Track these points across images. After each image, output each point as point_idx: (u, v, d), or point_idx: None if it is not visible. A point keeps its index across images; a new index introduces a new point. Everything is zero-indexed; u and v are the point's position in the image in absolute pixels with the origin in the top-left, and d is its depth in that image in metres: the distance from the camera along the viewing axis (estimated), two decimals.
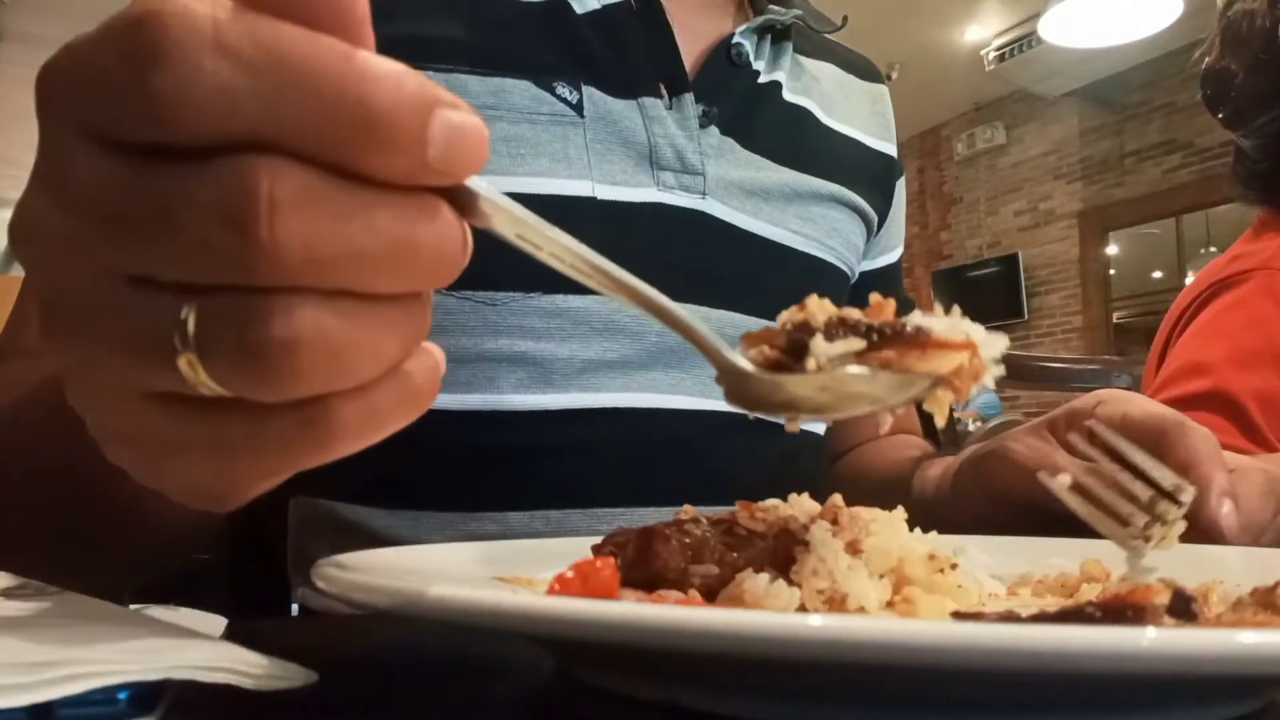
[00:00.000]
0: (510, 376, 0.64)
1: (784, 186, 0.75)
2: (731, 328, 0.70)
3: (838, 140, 0.82)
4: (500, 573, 0.40)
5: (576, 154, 0.65)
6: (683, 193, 0.69)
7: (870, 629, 0.22)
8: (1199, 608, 0.28)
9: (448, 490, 0.65)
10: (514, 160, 0.63)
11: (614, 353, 0.66)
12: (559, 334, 0.64)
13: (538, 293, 0.64)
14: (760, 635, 0.22)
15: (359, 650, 0.44)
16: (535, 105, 0.65)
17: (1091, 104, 6.38)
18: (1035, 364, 1.32)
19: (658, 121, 0.69)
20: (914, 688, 0.25)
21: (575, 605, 0.24)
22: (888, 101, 0.90)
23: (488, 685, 0.35)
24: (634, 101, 0.68)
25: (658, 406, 0.67)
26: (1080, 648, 0.20)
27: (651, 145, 0.68)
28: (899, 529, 0.37)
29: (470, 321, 0.63)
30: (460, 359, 0.63)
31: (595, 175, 0.66)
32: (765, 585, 0.33)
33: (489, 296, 0.63)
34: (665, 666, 0.28)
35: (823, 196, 0.77)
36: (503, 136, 0.63)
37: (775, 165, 0.75)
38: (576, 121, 0.66)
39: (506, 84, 0.64)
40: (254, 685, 0.27)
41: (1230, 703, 0.29)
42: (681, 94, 0.70)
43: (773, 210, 0.74)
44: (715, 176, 0.71)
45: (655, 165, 0.68)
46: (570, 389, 0.64)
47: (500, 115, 0.63)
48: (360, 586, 0.29)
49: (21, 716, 0.24)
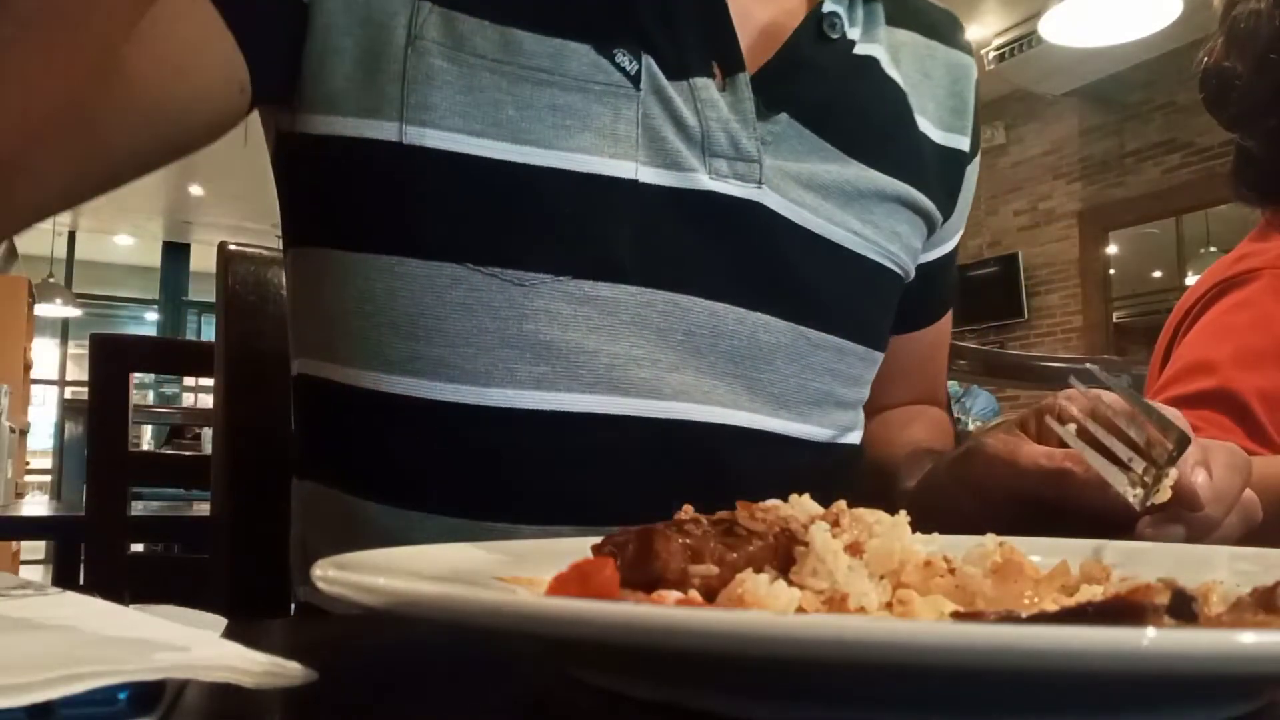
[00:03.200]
0: (532, 370, 0.61)
1: (846, 184, 0.70)
2: (766, 331, 0.66)
3: (915, 130, 0.76)
4: (500, 573, 0.40)
5: (626, 131, 0.62)
6: (737, 181, 0.65)
7: (870, 629, 0.22)
8: (1199, 608, 0.28)
9: (459, 494, 0.63)
10: (558, 133, 0.60)
11: (641, 349, 0.62)
12: (586, 323, 0.61)
13: (567, 276, 0.61)
14: (760, 635, 0.22)
15: (359, 650, 0.44)
16: (592, 73, 0.61)
17: (1091, 103, 6.38)
18: (1035, 364, 1.32)
19: (710, 105, 0.64)
20: (914, 688, 0.25)
21: (575, 605, 0.24)
22: (971, 75, 0.82)
23: (488, 685, 0.35)
24: (684, 83, 0.64)
25: (688, 419, 0.63)
26: (1080, 648, 0.20)
27: (704, 130, 0.64)
28: (902, 532, 0.37)
29: (496, 301, 0.60)
30: (482, 346, 0.61)
31: (641, 157, 0.62)
32: (765, 585, 0.33)
33: (517, 276, 0.60)
34: (665, 666, 0.28)
35: (887, 196, 0.72)
36: (551, 104, 0.60)
37: (844, 158, 0.70)
38: (631, 95, 0.62)
39: (568, 48, 0.61)
40: (254, 685, 0.27)
41: (1230, 703, 0.29)
42: (735, 74, 0.65)
43: (833, 208, 0.69)
44: (773, 166, 0.66)
45: (707, 151, 0.64)
46: (596, 389, 0.62)
47: (554, 80, 0.60)
48: (360, 586, 0.29)
49: (21, 716, 0.24)
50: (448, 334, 0.61)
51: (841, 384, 0.72)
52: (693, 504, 0.39)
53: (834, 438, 0.72)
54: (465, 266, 0.60)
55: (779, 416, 0.67)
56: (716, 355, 0.65)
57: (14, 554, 5.61)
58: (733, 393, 0.65)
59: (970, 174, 0.83)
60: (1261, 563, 0.42)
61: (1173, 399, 0.98)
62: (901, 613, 0.34)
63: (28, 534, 3.28)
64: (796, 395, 0.68)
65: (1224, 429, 0.93)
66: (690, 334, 0.64)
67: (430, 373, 0.61)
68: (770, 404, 0.67)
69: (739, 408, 0.65)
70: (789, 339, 0.68)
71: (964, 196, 0.83)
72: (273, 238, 0.91)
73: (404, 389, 0.62)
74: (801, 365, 0.68)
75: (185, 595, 0.72)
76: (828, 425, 0.71)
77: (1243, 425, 0.94)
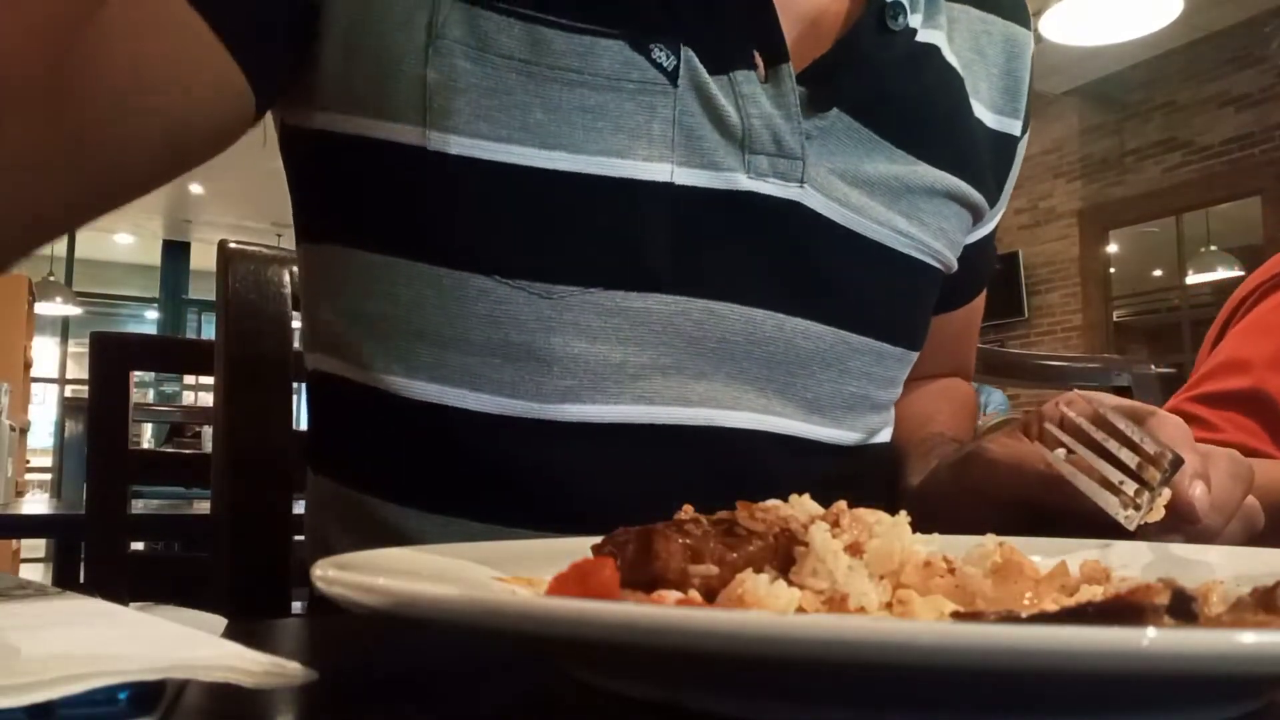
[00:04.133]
0: (559, 384, 0.59)
1: (895, 180, 0.67)
2: (804, 337, 0.64)
3: (971, 119, 0.72)
4: (500, 573, 0.40)
5: (661, 131, 0.59)
6: (778, 180, 0.62)
7: (870, 629, 0.22)
8: (1199, 608, 0.28)
9: (480, 501, 0.61)
10: (588, 134, 0.57)
11: (669, 357, 0.61)
12: (615, 334, 0.59)
13: (597, 288, 0.59)
14: (760, 635, 0.22)
15: (359, 650, 0.44)
16: (625, 71, 0.58)
17: (1092, 102, 6.38)
18: (1035, 363, 1.32)
19: (751, 100, 0.61)
20: (914, 688, 0.25)
21: (575, 605, 0.24)
22: (1028, 50, 0.77)
23: (488, 685, 0.35)
24: (725, 76, 0.60)
25: (716, 425, 0.62)
26: (1080, 648, 0.20)
27: (746, 127, 0.61)
28: (902, 532, 0.37)
29: (523, 314, 0.59)
30: (508, 357, 0.59)
31: (677, 157, 0.59)
32: (765, 585, 0.33)
33: (545, 289, 0.58)
34: (665, 666, 0.28)
35: (937, 192, 0.69)
36: (581, 105, 0.57)
37: (896, 152, 0.67)
38: (668, 91, 0.59)
39: (599, 45, 0.57)
40: (254, 684, 0.27)
41: (1230, 703, 0.29)
42: (779, 65, 0.62)
43: (879, 206, 0.66)
44: (818, 163, 0.63)
45: (747, 149, 0.61)
46: (622, 399, 0.60)
47: (584, 80, 0.57)
48: (360, 586, 0.29)
49: (21, 716, 0.24)
50: (474, 344, 0.59)
51: (877, 387, 0.70)
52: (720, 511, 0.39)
53: (865, 440, 0.70)
54: (492, 279, 0.59)
55: (811, 422, 0.66)
56: (750, 361, 0.63)
57: (14, 553, 5.61)
58: (764, 398, 0.64)
59: (1019, 153, 0.79)
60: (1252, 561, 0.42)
61: (1204, 396, 0.98)
62: (901, 613, 0.34)
63: (28, 533, 3.28)
64: (831, 400, 0.67)
65: (1248, 431, 0.93)
66: (724, 341, 0.62)
67: (455, 381, 0.60)
68: (804, 409, 0.65)
69: (770, 413, 0.64)
70: (828, 344, 0.65)
71: (1011, 177, 0.80)
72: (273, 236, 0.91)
73: (425, 395, 0.60)
74: (839, 370, 0.67)
75: (185, 595, 0.72)
76: (860, 429, 0.70)
77: (1269, 430, 0.94)
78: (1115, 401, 0.54)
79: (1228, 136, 5.79)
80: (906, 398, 0.82)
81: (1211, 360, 1.03)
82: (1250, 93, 5.71)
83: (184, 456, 1.22)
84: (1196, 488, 0.49)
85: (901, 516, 0.38)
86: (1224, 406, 0.94)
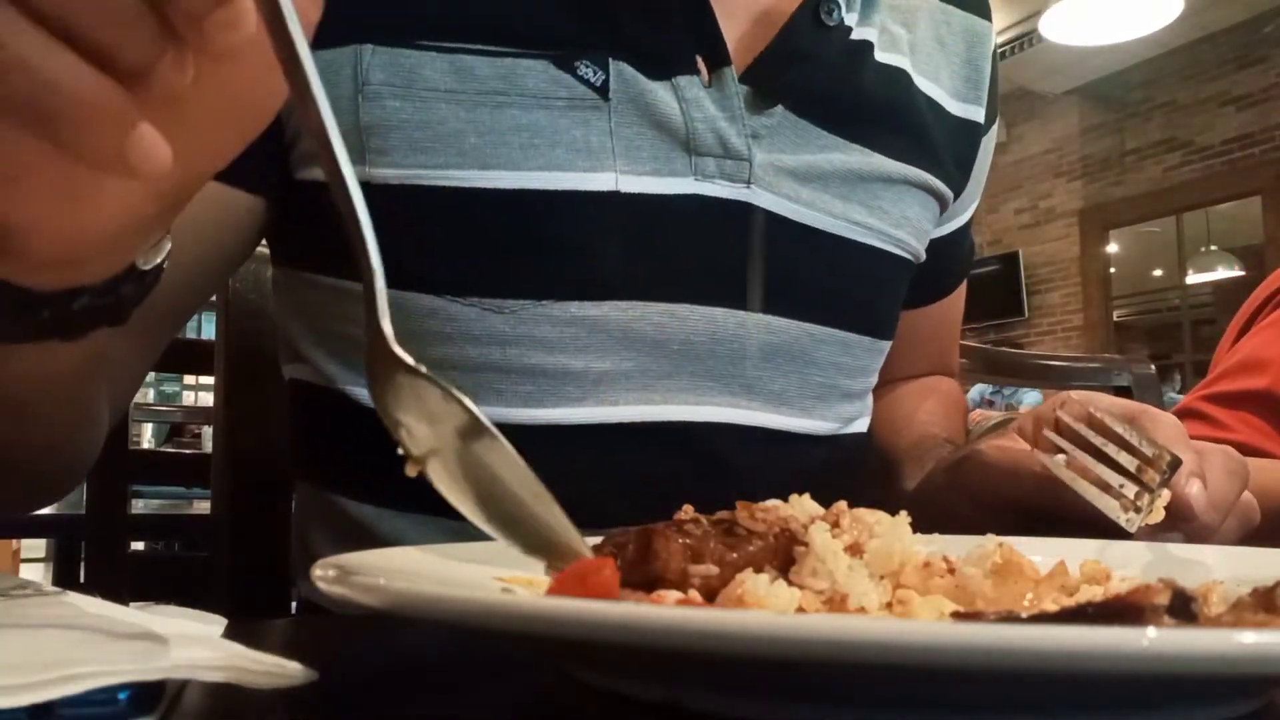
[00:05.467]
0: (519, 390, 0.60)
1: (849, 171, 0.67)
2: (767, 331, 0.65)
3: (924, 106, 0.73)
4: (500, 573, 0.40)
5: (599, 142, 0.60)
6: (724, 182, 0.63)
7: (870, 629, 0.22)
8: (1199, 608, 0.28)
9: None
10: (525, 152, 0.59)
11: (631, 361, 0.61)
12: (573, 344, 0.60)
13: (550, 300, 0.60)
14: (760, 635, 0.22)
15: (359, 650, 0.44)
16: (552, 89, 0.59)
17: (1092, 102, 6.38)
18: (1036, 362, 1.32)
19: (695, 104, 0.62)
20: (914, 688, 0.25)
21: (575, 605, 0.24)
22: (988, 42, 0.79)
23: (488, 685, 0.35)
24: (668, 82, 0.61)
25: (683, 420, 0.62)
26: (1080, 648, 0.20)
27: (689, 130, 0.62)
28: (902, 532, 0.37)
29: (476, 330, 0.60)
30: (464, 368, 0.60)
31: (619, 166, 0.60)
32: (765, 585, 0.33)
33: (497, 304, 0.59)
34: (665, 666, 0.28)
35: (895, 180, 0.70)
36: (513, 125, 0.58)
37: (846, 145, 0.67)
38: (600, 105, 0.60)
39: (520, 65, 0.59)
40: (254, 684, 0.27)
41: (1230, 703, 0.29)
42: (721, 68, 0.63)
43: (833, 199, 0.67)
44: (764, 162, 0.64)
45: (693, 152, 0.62)
46: (585, 402, 0.61)
47: (511, 101, 0.58)
48: (360, 586, 0.29)
49: (21, 716, 0.24)
50: (430, 358, 0.60)
51: (846, 376, 0.71)
52: (695, 503, 0.39)
53: (839, 429, 0.71)
54: (444, 298, 0.60)
55: (780, 413, 0.67)
56: (715, 360, 0.64)
57: (14, 552, 5.61)
58: (730, 394, 0.64)
59: (986, 144, 0.80)
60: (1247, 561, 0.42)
61: (1218, 394, 0.98)
62: (901, 613, 0.34)
63: (28, 533, 3.28)
64: (799, 392, 0.67)
65: (1260, 432, 0.93)
66: (687, 342, 0.63)
67: None
68: (771, 402, 0.66)
69: (737, 407, 0.64)
70: (792, 337, 0.66)
71: (979, 167, 0.80)
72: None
73: None
74: (804, 362, 0.67)
75: (185, 594, 0.72)
76: (832, 418, 0.70)
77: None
78: (1109, 402, 0.54)
79: (1228, 136, 5.79)
80: (888, 398, 0.83)
81: (1230, 359, 1.03)
82: (1250, 93, 5.71)
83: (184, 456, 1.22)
84: (1193, 485, 0.49)
85: (902, 517, 0.38)
86: (1238, 406, 0.94)
